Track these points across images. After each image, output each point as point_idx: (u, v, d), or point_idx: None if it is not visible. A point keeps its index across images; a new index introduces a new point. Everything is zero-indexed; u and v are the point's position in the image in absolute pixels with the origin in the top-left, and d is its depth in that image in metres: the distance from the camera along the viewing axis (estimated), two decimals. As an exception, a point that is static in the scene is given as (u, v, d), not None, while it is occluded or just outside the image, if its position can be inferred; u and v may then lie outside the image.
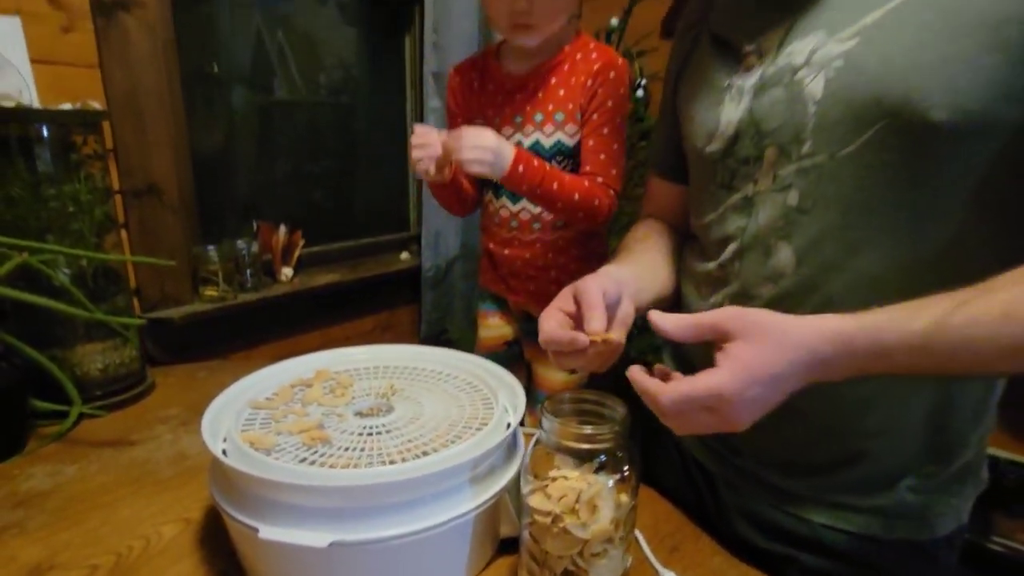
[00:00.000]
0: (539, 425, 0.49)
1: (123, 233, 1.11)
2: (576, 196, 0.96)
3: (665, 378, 0.47)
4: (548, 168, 0.95)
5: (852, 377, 0.45)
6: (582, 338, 0.52)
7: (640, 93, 1.71)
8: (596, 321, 0.51)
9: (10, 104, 0.83)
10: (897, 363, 0.43)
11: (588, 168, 0.99)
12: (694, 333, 0.47)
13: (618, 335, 0.52)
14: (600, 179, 0.98)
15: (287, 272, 1.44)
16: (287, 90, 1.61)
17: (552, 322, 0.54)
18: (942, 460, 0.56)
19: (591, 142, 0.99)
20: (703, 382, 0.43)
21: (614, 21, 1.75)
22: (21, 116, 0.83)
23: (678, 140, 0.71)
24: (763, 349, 0.43)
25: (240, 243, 1.33)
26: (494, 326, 1.20)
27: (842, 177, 0.52)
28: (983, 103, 0.45)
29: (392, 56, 1.82)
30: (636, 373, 0.47)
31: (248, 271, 1.34)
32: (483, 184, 1.12)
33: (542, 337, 0.54)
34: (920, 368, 0.43)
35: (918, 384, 0.54)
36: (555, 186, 0.94)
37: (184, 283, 1.23)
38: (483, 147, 0.89)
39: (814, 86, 0.52)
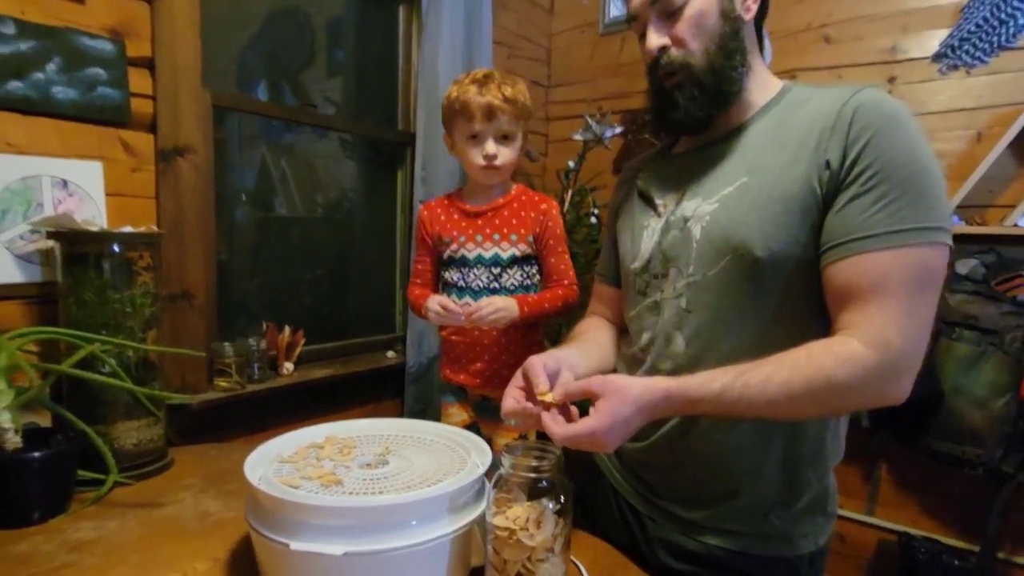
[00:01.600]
0: (500, 462, 0.66)
1: (156, 330, 1.27)
2: (560, 304, 1.29)
3: (566, 413, 0.68)
4: (538, 297, 1.28)
5: (679, 415, 0.70)
6: (531, 408, 0.70)
7: (593, 220, 1.99)
8: (541, 384, 0.69)
9: (94, 228, 1.02)
10: (704, 409, 0.65)
11: (556, 278, 1.33)
12: (579, 395, 0.68)
13: (559, 395, 0.70)
14: (566, 281, 1.32)
15: (288, 367, 1.59)
16: (293, 209, 1.84)
17: (510, 400, 0.73)
18: (794, 494, 0.74)
19: (552, 259, 1.32)
20: (582, 426, 0.64)
21: (571, 163, 2.06)
22: (101, 237, 1.02)
23: (616, 257, 0.94)
24: (616, 403, 0.64)
25: (251, 340, 1.49)
26: (454, 414, 1.40)
27: (710, 289, 0.73)
28: (783, 245, 0.68)
29: (386, 184, 2.07)
30: (544, 417, 0.66)
31: (256, 365, 1.49)
32: (444, 287, 1.37)
33: (504, 412, 0.72)
34: (720, 412, 0.65)
35: (770, 436, 0.73)
36: (547, 306, 1.28)
37: (201, 374, 1.38)
38: (496, 312, 1.20)
39: (695, 231, 0.75)
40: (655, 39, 0.75)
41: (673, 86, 0.77)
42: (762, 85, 0.79)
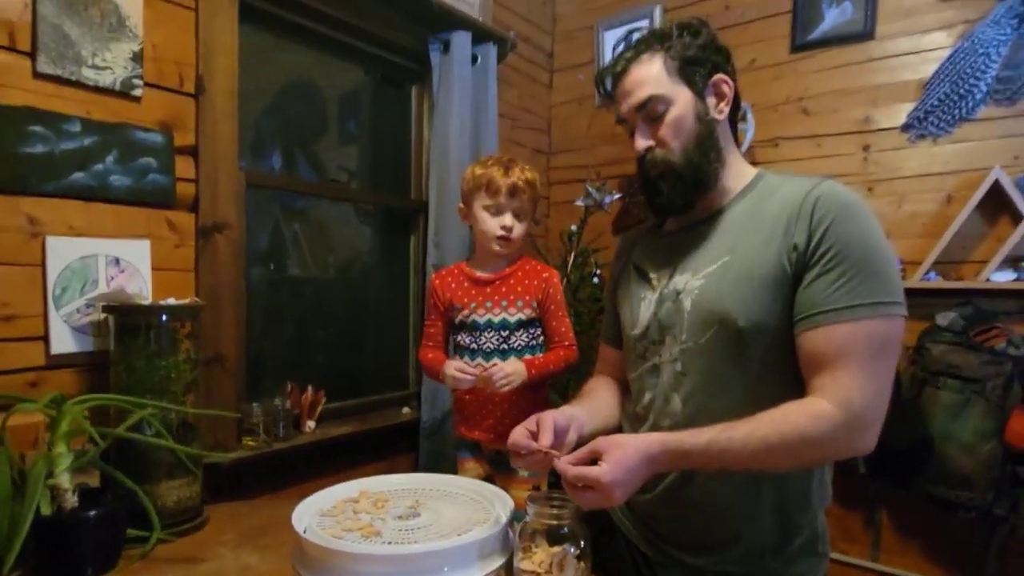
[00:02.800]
0: (525, 511, 0.73)
1: (191, 393, 1.35)
2: (563, 364, 1.41)
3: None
4: (543, 359, 1.40)
5: (676, 468, 0.76)
6: (534, 446, 0.78)
7: (596, 280, 2.09)
8: (545, 439, 0.77)
9: (146, 302, 1.12)
10: (695, 461, 0.73)
11: (557, 339, 1.44)
12: (586, 458, 0.74)
13: (559, 451, 0.78)
14: (567, 343, 1.43)
15: (311, 424, 1.66)
16: (311, 273, 1.94)
17: (518, 435, 0.81)
18: (786, 537, 0.81)
19: (554, 323, 1.44)
20: (591, 471, 0.70)
21: (573, 227, 2.19)
22: (152, 310, 1.11)
23: (617, 323, 1.03)
24: (620, 455, 0.71)
25: (276, 400, 1.57)
26: (470, 468, 1.48)
27: (702, 355, 0.82)
28: (761, 317, 0.78)
29: (400, 249, 2.19)
30: (559, 462, 0.73)
31: (281, 424, 1.56)
32: (455, 349, 1.47)
33: (509, 441, 0.80)
34: (710, 464, 0.72)
35: (761, 487, 0.80)
36: (552, 367, 1.40)
37: (231, 433, 1.45)
38: (508, 377, 1.32)
39: (687, 303, 0.85)
40: (641, 142, 0.88)
41: (657, 177, 0.88)
42: (737, 173, 0.91)
